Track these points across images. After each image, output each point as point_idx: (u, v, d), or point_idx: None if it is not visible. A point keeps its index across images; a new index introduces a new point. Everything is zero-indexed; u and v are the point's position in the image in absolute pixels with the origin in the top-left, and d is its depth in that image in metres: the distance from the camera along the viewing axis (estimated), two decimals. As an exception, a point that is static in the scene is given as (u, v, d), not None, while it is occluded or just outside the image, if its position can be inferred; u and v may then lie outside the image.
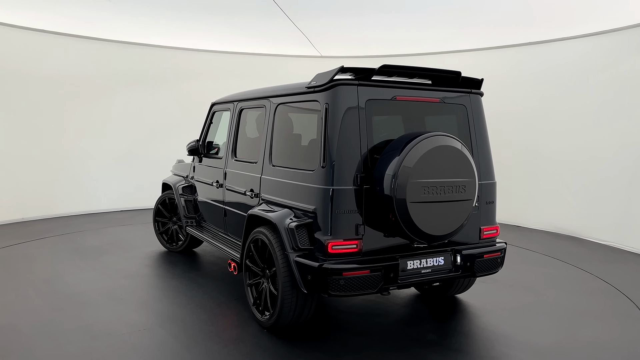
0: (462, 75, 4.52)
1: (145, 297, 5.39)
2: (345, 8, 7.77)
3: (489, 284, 5.94)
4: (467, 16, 7.95)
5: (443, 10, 7.67)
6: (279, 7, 7.63)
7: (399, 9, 7.75)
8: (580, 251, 7.69)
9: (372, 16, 8.19)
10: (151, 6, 8.00)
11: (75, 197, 10.10)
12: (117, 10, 8.13)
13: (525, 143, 9.41)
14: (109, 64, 10.33)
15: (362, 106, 4.06)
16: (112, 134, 10.47)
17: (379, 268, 3.97)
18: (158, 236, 7.42)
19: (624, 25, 7.93)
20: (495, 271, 4.68)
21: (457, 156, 3.99)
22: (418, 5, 7.48)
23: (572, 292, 5.76)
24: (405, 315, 5.01)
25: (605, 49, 8.32)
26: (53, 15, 8.68)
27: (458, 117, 4.58)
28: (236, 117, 5.68)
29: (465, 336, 4.47)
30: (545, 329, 4.63)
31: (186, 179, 6.89)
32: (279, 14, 7.99)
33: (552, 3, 7.15)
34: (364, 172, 4.01)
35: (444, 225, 4.00)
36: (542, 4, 7.19)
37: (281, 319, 4.28)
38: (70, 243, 7.65)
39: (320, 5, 7.64)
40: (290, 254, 4.11)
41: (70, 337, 4.28)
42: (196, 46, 10.98)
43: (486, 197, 4.66)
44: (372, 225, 4.03)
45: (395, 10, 7.85)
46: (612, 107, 8.17)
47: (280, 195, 4.53)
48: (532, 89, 9.32)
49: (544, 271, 6.57)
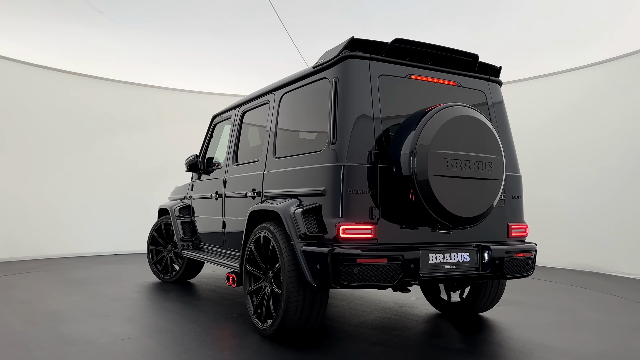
0: (480, 60, 4.25)
1: (132, 314, 4.81)
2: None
3: (516, 305, 5.34)
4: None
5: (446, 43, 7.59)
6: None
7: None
8: (607, 283, 7.08)
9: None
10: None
11: (66, 240, 9.59)
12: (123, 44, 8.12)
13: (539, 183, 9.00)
14: (108, 104, 10.20)
15: (374, 82, 3.74)
16: (104, 178, 10.12)
17: (397, 257, 3.46)
18: (152, 266, 6.87)
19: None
20: (527, 274, 4.14)
21: (481, 128, 3.60)
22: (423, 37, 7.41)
23: (612, 312, 5.15)
24: (427, 328, 4.41)
25: (618, 74, 8.14)
26: (46, 49, 8.65)
27: (477, 104, 4.23)
28: (238, 122, 5.36)
29: (498, 346, 3.87)
30: (589, 341, 4.02)
31: (183, 200, 6.47)
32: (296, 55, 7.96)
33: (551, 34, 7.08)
34: (378, 149, 3.61)
35: (469, 206, 3.54)
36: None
37: (285, 323, 3.70)
38: (57, 276, 7.09)
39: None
40: (297, 243, 3.62)
41: (42, 345, 3.70)
42: (202, 89, 10.94)
43: (512, 191, 4.22)
44: (389, 210, 3.57)
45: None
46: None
47: (285, 185, 4.10)
48: (544, 118, 9.06)
49: (575, 297, 5.96)
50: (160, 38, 8.25)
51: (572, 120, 8.64)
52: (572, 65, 8.63)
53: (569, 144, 8.65)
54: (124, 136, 10.40)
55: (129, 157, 10.39)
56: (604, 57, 8.18)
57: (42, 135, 9.41)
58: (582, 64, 8.48)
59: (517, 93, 8.96)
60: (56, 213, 9.55)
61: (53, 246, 9.38)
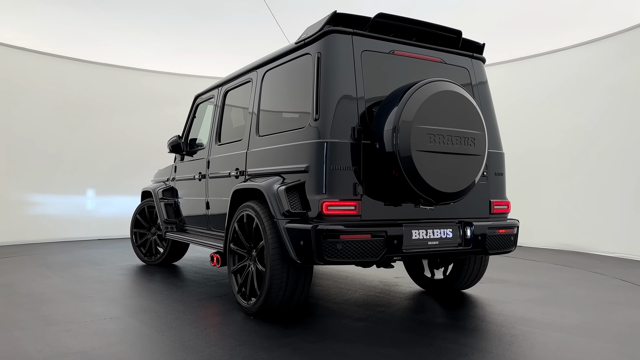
0: (463, 37, 4.23)
1: (115, 295, 4.76)
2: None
3: (498, 282, 5.40)
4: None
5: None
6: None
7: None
8: (589, 261, 7.19)
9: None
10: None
11: (47, 225, 9.47)
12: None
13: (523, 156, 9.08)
14: (89, 87, 10.02)
15: (357, 57, 3.70)
16: (85, 162, 9.98)
17: (381, 233, 3.46)
18: (135, 249, 6.81)
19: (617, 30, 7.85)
20: (509, 250, 4.18)
21: (463, 104, 3.60)
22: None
23: (593, 288, 5.23)
24: (410, 305, 4.44)
25: (600, 56, 8.19)
26: (25, 30, 8.45)
27: (460, 81, 4.22)
28: (221, 102, 5.29)
29: (481, 320, 3.91)
30: (569, 314, 4.08)
31: (167, 182, 6.40)
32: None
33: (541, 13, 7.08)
34: (362, 125, 3.59)
35: (452, 181, 3.55)
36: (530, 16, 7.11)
37: (269, 300, 3.70)
38: (38, 260, 7.00)
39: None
40: (280, 220, 3.60)
41: (22, 325, 3.65)
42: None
43: (494, 167, 4.24)
44: (373, 186, 3.56)
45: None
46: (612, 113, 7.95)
47: (269, 163, 4.07)
48: (524, 102, 9.11)
49: (556, 274, 6.05)
50: (140, 19, 8.10)
51: (555, 100, 8.70)
52: (556, 46, 8.66)
53: (551, 124, 8.72)
54: (106, 120, 10.23)
55: (111, 140, 10.23)
56: (587, 37, 8.22)
57: (22, 119, 9.22)
58: (567, 44, 8.52)
59: (500, 74, 8.98)
60: (37, 198, 9.41)
61: (34, 231, 9.25)
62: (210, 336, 3.41)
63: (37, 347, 3.15)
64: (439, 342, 3.30)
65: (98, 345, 3.19)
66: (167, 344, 3.24)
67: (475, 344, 3.27)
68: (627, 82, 7.71)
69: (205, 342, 3.26)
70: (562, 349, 3.17)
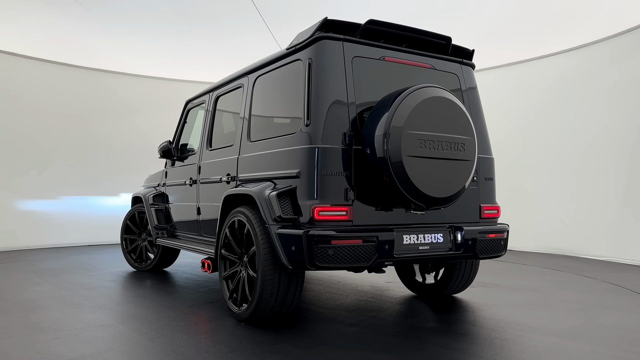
0: (453, 43, 4.27)
1: (105, 302, 4.73)
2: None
3: (488, 286, 5.43)
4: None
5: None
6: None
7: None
8: (579, 265, 7.25)
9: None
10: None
11: (36, 231, 9.38)
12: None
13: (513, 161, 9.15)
14: (79, 92, 9.97)
15: (348, 63, 3.73)
16: (75, 168, 9.91)
17: (372, 238, 3.47)
18: (126, 255, 6.77)
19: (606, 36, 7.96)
20: (499, 254, 4.21)
21: (453, 110, 3.63)
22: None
23: (582, 292, 5.27)
24: (402, 309, 4.45)
25: (588, 62, 8.29)
26: (16, 35, 8.41)
27: (450, 87, 4.26)
28: (212, 107, 5.29)
29: (471, 324, 3.93)
30: (559, 318, 4.11)
31: (157, 187, 6.38)
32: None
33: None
34: (353, 131, 3.61)
35: (443, 186, 3.57)
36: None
37: (261, 306, 3.69)
38: (27, 267, 6.93)
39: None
40: (272, 226, 3.60)
41: (12, 332, 3.62)
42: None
43: (484, 172, 4.28)
44: (364, 191, 3.58)
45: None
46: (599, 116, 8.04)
47: (260, 169, 4.08)
48: (514, 107, 9.19)
49: (546, 278, 6.09)
50: (132, 24, 8.09)
51: (544, 106, 8.78)
52: (542, 53, 8.75)
53: (541, 129, 8.80)
54: (96, 125, 10.18)
55: (101, 146, 10.17)
56: (575, 43, 8.31)
57: (11, 125, 9.14)
58: (555, 50, 8.61)
59: (490, 80, 9.07)
60: (26, 203, 9.33)
61: (23, 237, 9.16)
62: (201, 343, 3.40)
63: (26, 354, 3.12)
64: (430, 347, 3.32)
65: (88, 352, 3.17)
66: (157, 350, 3.23)
67: (467, 349, 3.29)
68: (615, 88, 7.80)
69: (196, 349, 3.25)
70: (552, 353, 3.20)
